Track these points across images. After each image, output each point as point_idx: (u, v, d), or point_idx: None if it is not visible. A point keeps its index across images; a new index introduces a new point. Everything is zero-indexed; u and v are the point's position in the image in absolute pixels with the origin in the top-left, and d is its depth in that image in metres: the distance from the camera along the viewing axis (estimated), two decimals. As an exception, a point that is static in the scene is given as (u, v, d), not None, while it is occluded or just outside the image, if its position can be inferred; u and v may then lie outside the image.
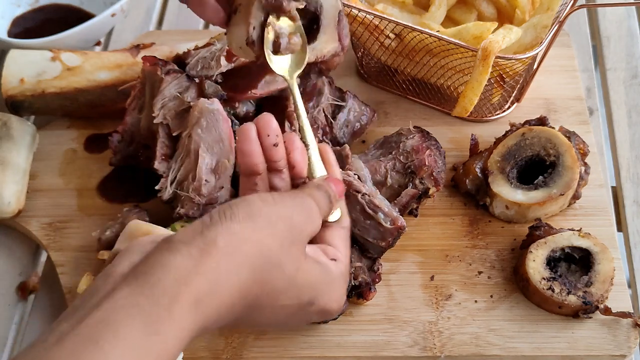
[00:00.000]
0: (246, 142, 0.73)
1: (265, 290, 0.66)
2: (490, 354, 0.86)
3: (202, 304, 0.60)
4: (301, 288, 0.69)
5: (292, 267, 0.68)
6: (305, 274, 0.69)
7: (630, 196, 1.03)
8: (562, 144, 0.96)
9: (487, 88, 1.00)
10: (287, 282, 0.67)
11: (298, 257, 0.68)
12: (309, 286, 0.70)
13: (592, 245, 0.90)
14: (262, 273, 0.65)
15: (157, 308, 0.58)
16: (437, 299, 0.90)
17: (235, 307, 0.64)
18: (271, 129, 0.74)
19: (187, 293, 0.59)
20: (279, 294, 0.68)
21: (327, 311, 0.74)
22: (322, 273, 0.72)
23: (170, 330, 0.58)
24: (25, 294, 0.96)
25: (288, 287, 0.68)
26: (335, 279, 0.73)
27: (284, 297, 0.68)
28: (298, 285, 0.69)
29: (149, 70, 0.95)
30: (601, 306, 0.87)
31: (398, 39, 1.01)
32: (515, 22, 1.03)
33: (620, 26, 1.22)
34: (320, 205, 0.73)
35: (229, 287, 0.62)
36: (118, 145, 0.99)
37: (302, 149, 0.76)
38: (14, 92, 1.05)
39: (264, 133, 0.74)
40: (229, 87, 0.96)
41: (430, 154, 0.95)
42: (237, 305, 0.64)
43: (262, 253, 0.65)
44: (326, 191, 0.74)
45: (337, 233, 0.76)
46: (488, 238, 0.96)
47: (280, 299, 0.68)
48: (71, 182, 1.03)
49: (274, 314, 0.69)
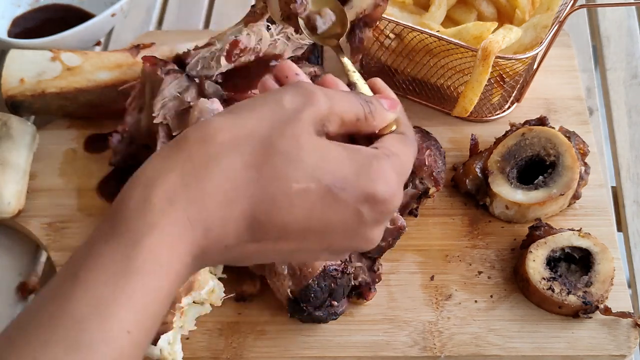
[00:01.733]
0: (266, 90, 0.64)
1: (265, 175, 0.55)
2: (490, 354, 0.86)
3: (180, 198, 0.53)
4: (314, 166, 0.56)
5: (290, 144, 0.56)
6: (313, 151, 0.56)
7: (630, 196, 1.03)
8: (562, 144, 0.96)
9: (487, 88, 1.00)
10: (289, 161, 0.55)
11: (296, 135, 0.56)
12: (326, 163, 0.56)
13: (592, 245, 0.90)
14: (252, 156, 0.55)
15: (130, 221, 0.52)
16: (437, 299, 0.90)
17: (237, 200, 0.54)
18: (289, 70, 0.64)
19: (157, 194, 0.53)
20: (286, 177, 0.55)
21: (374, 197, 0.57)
22: (344, 150, 0.58)
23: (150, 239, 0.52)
24: (25, 294, 0.96)
25: (293, 166, 0.55)
26: (369, 156, 0.58)
27: (295, 180, 0.55)
28: (307, 163, 0.56)
29: (149, 70, 0.95)
30: (601, 306, 0.87)
31: (398, 39, 1.01)
32: (515, 22, 1.03)
33: (620, 26, 1.22)
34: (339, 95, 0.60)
35: (211, 176, 0.54)
36: (118, 145, 0.99)
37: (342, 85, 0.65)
38: (14, 92, 1.05)
39: (281, 76, 0.64)
40: (229, 87, 0.96)
41: (430, 154, 0.95)
42: (239, 199, 0.54)
43: (246, 136, 0.55)
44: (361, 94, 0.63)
45: (390, 137, 0.62)
46: (488, 238, 0.96)
47: (290, 182, 0.55)
48: (71, 182, 1.03)
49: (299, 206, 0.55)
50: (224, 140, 0.55)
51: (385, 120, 0.62)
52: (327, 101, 0.58)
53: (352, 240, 0.60)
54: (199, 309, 0.89)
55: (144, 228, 0.52)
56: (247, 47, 0.96)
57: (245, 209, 0.54)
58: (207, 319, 0.89)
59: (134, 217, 0.53)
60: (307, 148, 0.56)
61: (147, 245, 0.52)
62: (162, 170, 0.54)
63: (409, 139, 0.63)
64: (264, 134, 0.56)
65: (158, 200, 0.53)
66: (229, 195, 0.54)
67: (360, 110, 0.60)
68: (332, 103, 0.59)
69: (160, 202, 0.53)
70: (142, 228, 0.52)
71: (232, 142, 0.55)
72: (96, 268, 0.51)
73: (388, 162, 0.59)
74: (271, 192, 0.55)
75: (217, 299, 0.89)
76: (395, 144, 0.61)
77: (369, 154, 0.58)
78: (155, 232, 0.52)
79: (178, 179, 0.53)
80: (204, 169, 0.54)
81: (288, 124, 0.56)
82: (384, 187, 0.57)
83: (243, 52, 0.96)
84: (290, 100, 0.57)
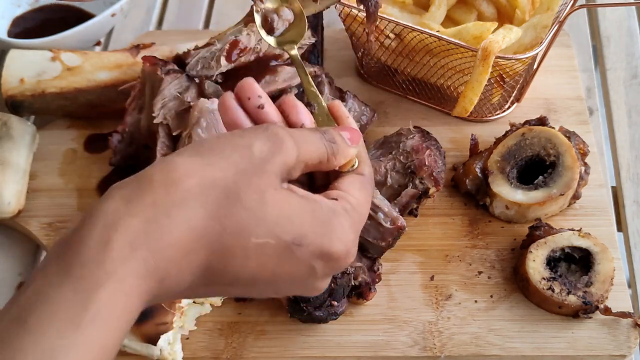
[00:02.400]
0: (227, 112, 0.64)
1: (227, 229, 0.55)
2: (490, 354, 0.86)
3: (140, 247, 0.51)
4: (275, 222, 0.56)
5: (255, 198, 0.56)
6: (276, 207, 0.56)
7: (630, 196, 1.03)
8: (562, 144, 0.96)
9: (487, 88, 1.00)
10: (252, 216, 0.55)
11: (261, 188, 0.56)
12: (286, 220, 0.57)
13: (592, 245, 0.90)
14: (216, 207, 0.54)
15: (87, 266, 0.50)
16: (437, 299, 0.90)
17: (194, 251, 0.54)
18: (251, 91, 0.64)
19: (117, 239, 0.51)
20: (247, 232, 0.55)
21: (330, 254, 0.59)
22: (306, 206, 0.58)
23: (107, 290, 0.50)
24: (25, 294, 0.96)
25: (255, 221, 0.55)
26: (329, 213, 0.59)
27: (255, 235, 0.56)
28: (269, 219, 0.56)
29: (149, 70, 0.95)
30: (601, 306, 0.87)
31: (398, 39, 1.01)
32: (515, 22, 1.03)
33: (620, 26, 1.22)
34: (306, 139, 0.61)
35: (173, 226, 0.53)
36: (118, 145, 0.99)
37: (302, 108, 0.65)
38: (14, 92, 1.05)
39: (243, 97, 0.64)
40: (229, 87, 0.96)
41: (430, 154, 0.95)
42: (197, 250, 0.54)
43: (213, 185, 0.55)
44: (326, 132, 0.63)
45: (349, 180, 0.63)
46: (488, 238, 0.96)
47: (250, 237, 0.55)
48: (71, 182, 1.03)
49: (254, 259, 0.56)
50: (190, 187, 0.54)
51: (346, 158, 0.64)
52: (294, 150, 0.59)
53: (299, 289, 0.63)
54: (199, 308, 0.89)
55: (101, 276, 0.50)
56: (247, 47, 0.96)
57: (202, 258, 0.55)
58: (207, 319, 0.89)
59: (92, 262, 0.50)
60: (270, 203, 0.56)
61: (103, 296, 0.50)
62: (124, 214, 0.52)
63: (367, 180, 0.65)
64: (230, 184, 0.55)
65: (118, 246, 0.51)
66: (189, 246, 0.54)
67: (324, 153, 0.62)
68: (299, 151, 0.60)
69: (120, 250, 0.51)
70: (100, 276, 0.50)
71: (198, 190, 0.54)
72: (47, 317, 0.49)
73: (346, 218, 0.60)
74: (230, 244, 0.55)
75: (217, 299, 0.89)
76: (355, 191, 0.62)
77: (329, 209, 0.59)
78: (112, 283, 0.50)
79: (140, 226, 0.52)
80: (167, 218, 0.53)
81: (255, 176, 0.56)
82: (340, 246, 0.59)
83: (243, 52, 0.96)
84: (260, 149, 0.57)
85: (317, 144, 0.61)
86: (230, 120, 0.64)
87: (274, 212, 0.56)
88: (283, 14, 0.77)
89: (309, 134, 0.62)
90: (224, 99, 0.65)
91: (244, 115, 0.64)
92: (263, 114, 0.64)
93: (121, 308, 0.51)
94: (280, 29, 0.77)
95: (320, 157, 0.61)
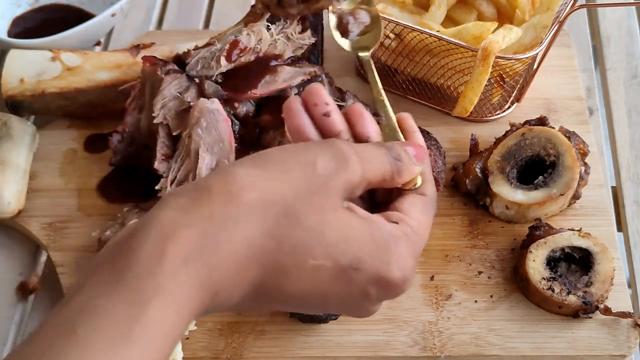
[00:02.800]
0: (292, 117, 0.62)
1: (284, 247, 0.53)
2: (490, 354, 0.86)
3: (195, 260, 0.50)
4: (333, 244, 0.55)
5: (315, 219, 0.54)
6: (336, 229, 0.55)
7: (630, 196, 1.03)
8: (562, 144, 0.96)
9: (487, 88, 1.00)
10: (310, 237, 0.54)
11: (323, 207, 0.55)
12: (345, 242, 0.55)
13: (592, 245, 0.90)
14: (275, 225, 0.53)
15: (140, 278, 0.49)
16: (437, 299, 0.90)
17: (248, 268, 0.53)
18: (318, 97, 0.62)
19: (172, 251, 0.49)
20: (304, 252, 0.54)
21: (387, 281, 0.57)
22: (366, 229, 0.56)
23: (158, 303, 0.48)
24: (25, 294, 0.96)
25: (313, 242, 0.54)
26: (389, 238, 0.57)
27: (312, 256, 0.54)
28: (327, 241, 0.54)
29: (149, 70, 0.95)
30: (601, 306, 0.87)
31: (398, 39, 1.01)
32: (515, 22, 1.03)
33: (620, 26, 1.22)
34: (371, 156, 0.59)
35: (230, 241, 0.51)
36: (118, 145, 0.99)
37: (370, 118, 0.63)
38: (14, 92, 1.05)
39: (310, 103, 0.62)
40: (229, 87, 0.96)
41: (430, 154, 0.95)
42: (252, 266, 0.53)
43: (273, 201, 0.53)
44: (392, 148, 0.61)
45: (411, 200, 0.61)
46: (488, 238, 0.96)
47: (307, 258, 0.54)
48: (71, 182, 1.03)
49: (308, 280, 0.55)
50: (249, 201, 0.53)
51: (411, 176, 0.62)
52: (359, 168, 0.57)
53: (349, 311, 0.60)
54: (199, 309, 0.89)
55: (153, 289, 0.49)
56: (247, 47, 0.96)
57: (255, 275, 0.53)
58: (207, 319, 0.89)
59: (144, 274, 0.49)
60: (330, 225, 0.55)
61: (154, 310, 0.48)
62: (180, 224, 0.51)
63: (430, 201, 0.63)
64: (291, 202, 0.54)
65: (172, 258, 0.50)
66: (244, 262, 0.52)
67: (388, 171, 0.60)
68: (363, 169, 0.58)
69: (174, 262, 0.50)
70: (152, 288, 0.49)
71: (257, 205, 0.53)
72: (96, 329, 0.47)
73: (406, 243, 0.58)
74: (285, 263, 0.54)
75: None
76: (416, 213, 0.61)
77: (389, 234, 0.57)
78: (164, 296, 0.49)
79: (196, 238, 0.51)
80: (224, 231, 0.51)
81: (317, 195, 0.55)
82: (398, 273, 0.57)
83: (243, 52, 0.96)
84: (324, 166, 0.56)
85: (382, 162, 0.60)
86: (295, 126, 0.62)
87: (332, 233, 0.55)
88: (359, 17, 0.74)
89: (375, 151, 0.60)
90: (291, 103, 0.62)
91: (309, 122, 0.62)
92: (329, 122, 0.62)
93: (171, 323, 0.49)
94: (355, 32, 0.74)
95: (384, 175, 0.60)
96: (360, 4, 0.73)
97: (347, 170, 0.57)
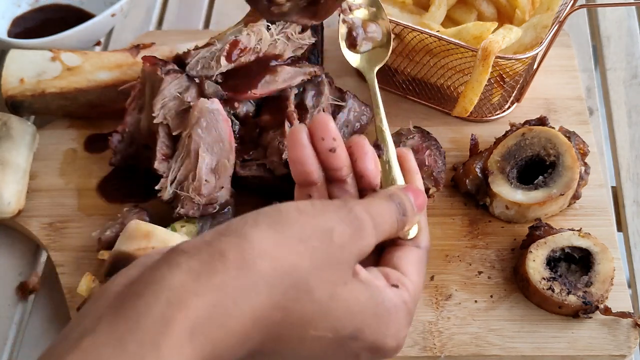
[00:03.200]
0: (296, 147, 0.62)
1: (289, 319, 0.54)
2: (490, 354, 0.86)
3: (201, 334, 0.49)
4: (338, 318, 0.56)
5: (324, 293, 0.55)
6: (343, 301, 0.56)
7: (630, 196, 1.03)
8: (562, 144, 0.96)
9: (487, 88, 1.00)
10: (317, 310, 0.55)
11: (333, 282, 0.55)
12: (350, 316, 0.56)
13: (592, 245, 0.90)
14: (284, 297, 0.53)
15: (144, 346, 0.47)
16: (437, 299, 0.90)
17: (251, 338, 0.52)
18: (326, 131, 0.61)
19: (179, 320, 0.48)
20: (308, 324, 0.55)
21: (380, 349, 0.59)
22: (370, 300, 0.58)
23: None
24: (25, 294, 0.96)
25: (319, 316, 0.55)
26: (390, 308, 0.59)
27: (315, 328, 0.55)
28: (333, 314, 0.55)
29: (149, 70, 0.95)
30: (601, 306, 0.87)
31: (398, 39, 1.01)
32: (515, 22, 1.03)
33: (620, 26, 1.22)
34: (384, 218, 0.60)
35: (238, 313, 0.51)
36: (118, 145, 0.99)
37: (372, 155, 0.63)
38: (14, 92, 1.05)
39: (317, 136, 0.61)
40: (229, 87, 0.96)
41: (430, 154, 0.95)
42: (253, 336, 0.52)
43: (286, 272, 0.53)
44: (400, 202, 0.61)
45: (409, 254, 0.63)
46: (488, 238, 0.96)
47: (309, 329, 0.55)
48: (71, 182, 1.03)
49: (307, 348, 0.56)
50: (262, 270, 0.52)
51: (411, 226, 0.64)
52: (373, 237, 0.58)
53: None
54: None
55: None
56: (247, 47, 0.96)
57: (256, 343, 0.53)
58: None
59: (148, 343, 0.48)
60: (338, 299, 0.55)
61: None
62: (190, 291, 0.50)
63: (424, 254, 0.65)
64: (303, 275, 0.54)
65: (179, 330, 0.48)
66: (248, 332, 0.52)
67: (395, 228, 0.61)
68: (377, 235, 0.59)
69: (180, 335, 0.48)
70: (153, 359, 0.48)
71: (270, 275, 0.52)
72: None
73: (404, 313, 0.60)
74: (287, 333, 0.54)
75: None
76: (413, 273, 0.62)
77: (390, 303, 0.59)
78: None
79: (205, 308, 0.50)
80: (233, 304, 0.51)
81: (330, 268, 0.55)
82: (393, 343, 0.59)
83: (243, 52, 0.96)
84: (340, 235, 0.56)
85: (392, 222, 0.61)
86: (297, 157, 0.62)
87: (339, 307, 0.56)
88: (369, 30, 0.73)
89: (386, 210, 0.61)
90: (296, 133, 0.62)
91: (312, 155, 0.62)
92: (333, 157, 0.62)
93: None
94: (363, 48, 0.73)
95: (392, 232, 0.61)
96: (373, 16, 0.72)
97: (362, 241, 0.57)
